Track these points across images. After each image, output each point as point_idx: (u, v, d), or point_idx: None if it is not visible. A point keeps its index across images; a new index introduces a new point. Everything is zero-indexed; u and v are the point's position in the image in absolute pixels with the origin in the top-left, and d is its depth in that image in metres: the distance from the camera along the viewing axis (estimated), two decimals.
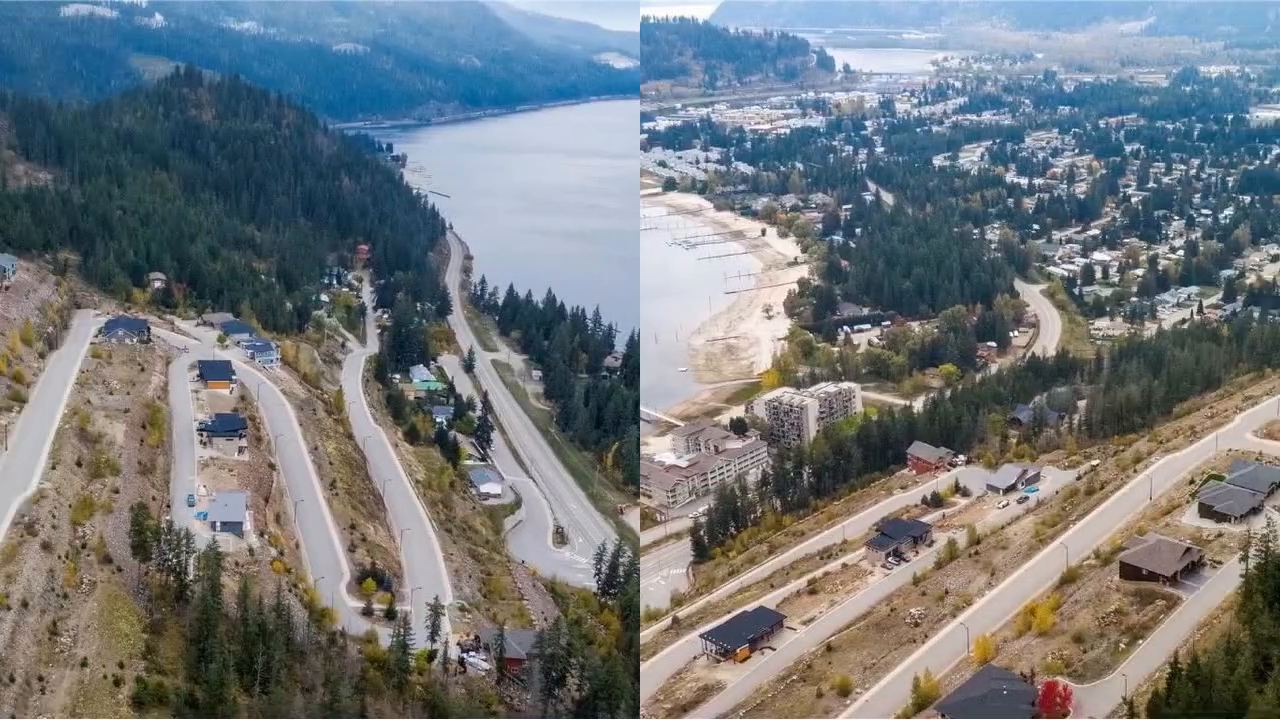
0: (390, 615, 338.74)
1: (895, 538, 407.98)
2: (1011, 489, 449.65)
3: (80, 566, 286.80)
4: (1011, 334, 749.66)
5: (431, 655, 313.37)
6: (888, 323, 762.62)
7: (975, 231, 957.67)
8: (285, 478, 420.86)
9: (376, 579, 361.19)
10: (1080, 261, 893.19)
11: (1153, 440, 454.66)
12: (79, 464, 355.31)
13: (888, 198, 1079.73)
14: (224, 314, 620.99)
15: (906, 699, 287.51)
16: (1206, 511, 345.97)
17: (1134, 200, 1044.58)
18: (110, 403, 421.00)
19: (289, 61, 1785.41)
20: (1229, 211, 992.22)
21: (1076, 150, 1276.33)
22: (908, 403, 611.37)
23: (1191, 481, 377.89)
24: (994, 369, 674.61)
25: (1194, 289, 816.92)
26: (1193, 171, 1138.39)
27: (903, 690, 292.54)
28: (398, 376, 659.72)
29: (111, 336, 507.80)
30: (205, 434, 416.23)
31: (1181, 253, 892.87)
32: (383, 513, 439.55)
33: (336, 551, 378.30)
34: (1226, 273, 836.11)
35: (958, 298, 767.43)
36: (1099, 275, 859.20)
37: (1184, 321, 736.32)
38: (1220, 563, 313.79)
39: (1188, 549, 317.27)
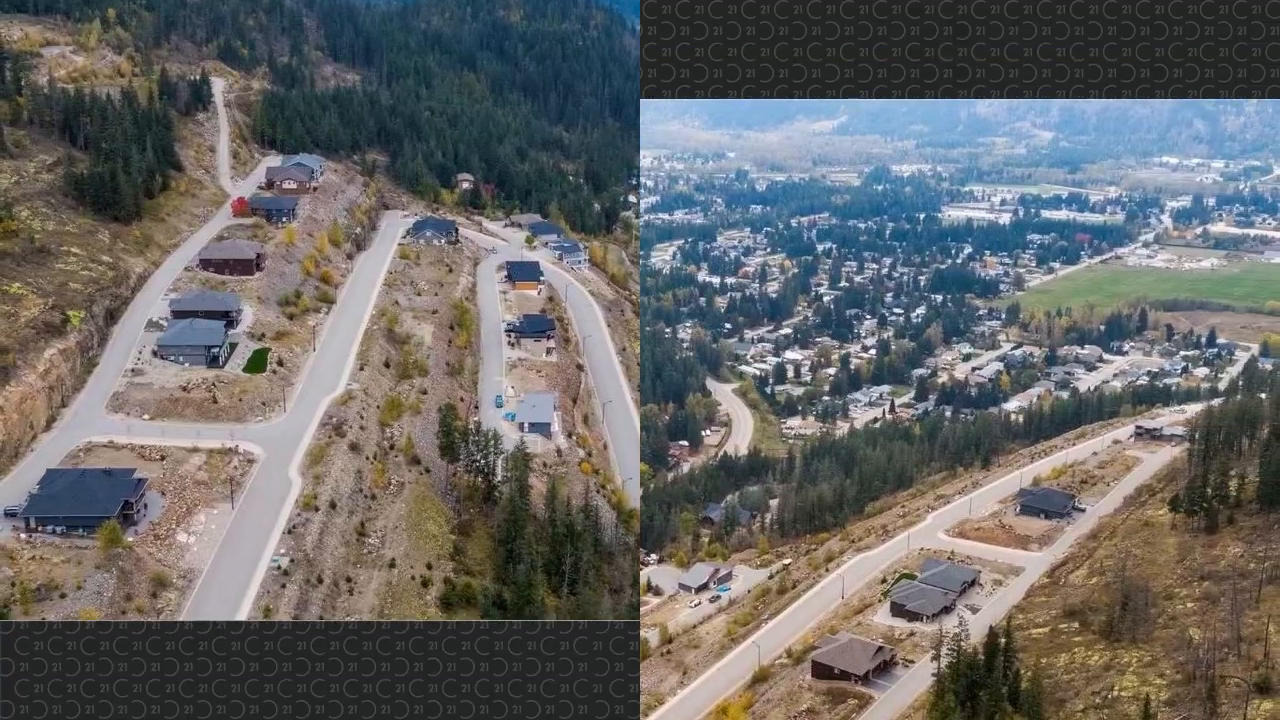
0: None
1: None
2: (704, 588, 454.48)
3: (388, 467, 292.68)
4: (704, 433, 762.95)
5: None
6: None
7: (667, 330, 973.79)
8: (593, 379, 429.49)
9: None
10: (772, 360, 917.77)
11: (845, 539, 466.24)
12: (387, 365, 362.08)
13: None
14: (532, 215, 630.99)
15: None
16: (898, 610, 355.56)
17: (826, 299, 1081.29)
18: (418, 304, 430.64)
19: None
20: (921, 310, 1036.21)
21: (769, 249, 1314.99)
22: None
23: (883, 580, 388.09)
24: (686, 468, 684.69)
25: (886, 388, 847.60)
26: (885, 270, 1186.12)
27: None
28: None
29: (419, 237, 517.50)
30: (513, 335, 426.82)
31: (873, 351, 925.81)
32: None
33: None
34: (918, 371, 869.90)
35: (650, 397, 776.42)
36: (791, 374, 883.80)
37: (876, 420, 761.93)
38: (912, 661, 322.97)
39: (879, 648, 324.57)
